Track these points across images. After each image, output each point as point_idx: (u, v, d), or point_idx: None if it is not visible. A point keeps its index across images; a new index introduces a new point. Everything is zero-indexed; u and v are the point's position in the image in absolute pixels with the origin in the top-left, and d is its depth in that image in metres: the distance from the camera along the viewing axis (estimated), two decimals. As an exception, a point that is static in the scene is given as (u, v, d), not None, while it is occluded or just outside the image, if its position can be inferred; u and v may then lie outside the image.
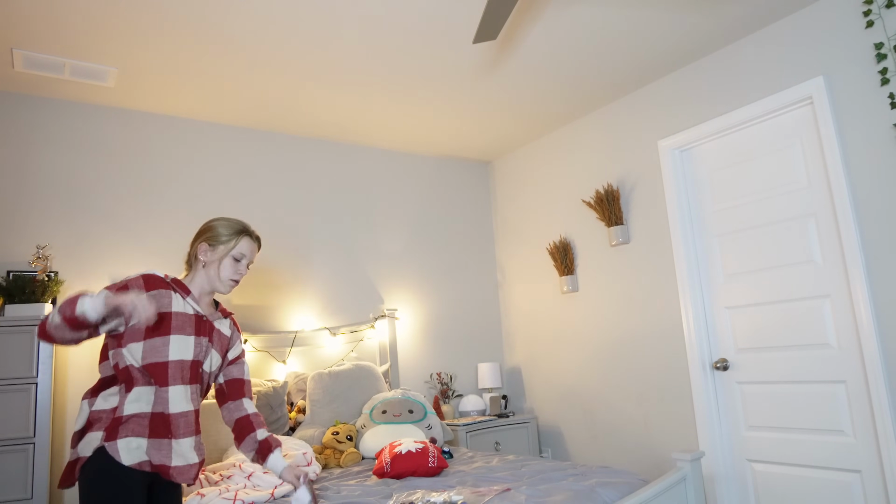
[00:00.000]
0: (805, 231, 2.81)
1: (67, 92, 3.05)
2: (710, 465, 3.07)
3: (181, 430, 1.76)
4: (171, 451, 1.73)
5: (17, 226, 2.91)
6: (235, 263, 1.94)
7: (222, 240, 1.93)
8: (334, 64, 2.98)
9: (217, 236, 1.93)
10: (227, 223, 1.96)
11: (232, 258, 1.92)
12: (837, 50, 2.67)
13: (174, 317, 1.79)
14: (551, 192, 4.13)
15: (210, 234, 1.95)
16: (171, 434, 1.73)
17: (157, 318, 1.73)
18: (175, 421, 1.75)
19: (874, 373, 2.50)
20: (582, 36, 2.90)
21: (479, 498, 1.95)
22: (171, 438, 1.73)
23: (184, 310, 1.82)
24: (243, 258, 1.96)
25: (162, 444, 1.72)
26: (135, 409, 1.71)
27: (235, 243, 1.93)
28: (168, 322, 1.77)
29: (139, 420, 1.70)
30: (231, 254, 1.92)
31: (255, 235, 2.01)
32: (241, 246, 1.94)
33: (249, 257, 1.98)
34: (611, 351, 3.66)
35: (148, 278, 1.79)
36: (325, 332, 3.65)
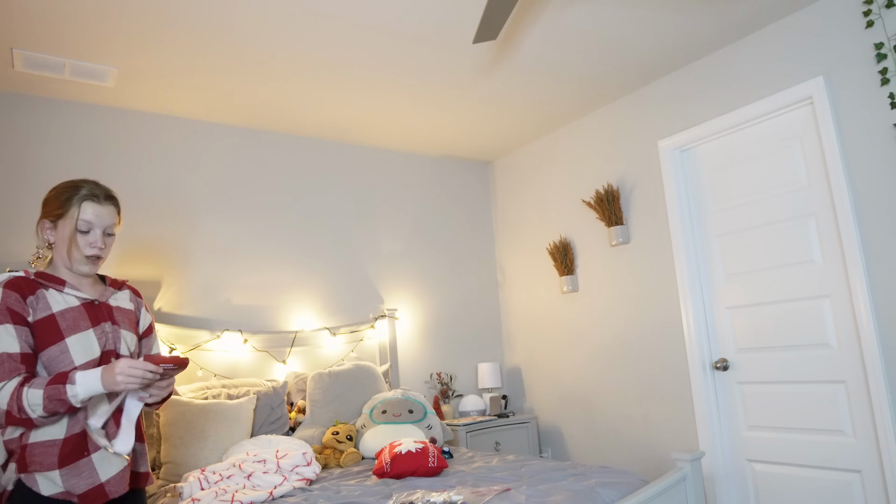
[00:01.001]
0: (805, 231, 2.81)
1: (67, 92, 3.05)
2: (710, 465, 3.07)
3: (107, 435, 1.58)
4: (95, 467, 1.53)
5: (17, 226, 2.91)
6: (84, 236, 1.61)
7: (60, 211, 1.60)
8: (334, 64, 2.98)
9: (55, 209, 1.61)
10: (58, 193, 1.61)
11: (78, 231, 1.60)
12: (837, 50, 2.67)
13: (60, 317, 1.55)
14: (551, 192, 4.13)
15: (46, 209, 1.63)
16: (87, 450, 1.53)
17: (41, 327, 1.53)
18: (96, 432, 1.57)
19: (874, 373, 2.50)
20: (582, 36, 2.90)
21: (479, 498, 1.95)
22: (90, 454, 1.53)
23: (66, 304, 1.58)
24: (91, 227, 1.61)
25: (80, 468, 1.52)
26: (42, 436, 1.50)
27: (76, 211, 1.59)
28: (55, 326, 1.54)
29: (47, 449, 1.49)
30: (75, 226, 1.59)
31: (104, 194, 1.64)
32: (84, 213, 1.60)
33: (102, 223, 1.63)
34: (611, 351, 3.66)
35: (12, 285, 1.53)
36: (325, 332, 3.65)
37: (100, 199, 1.63)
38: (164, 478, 2.59)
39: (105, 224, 1.64)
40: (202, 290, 3.34)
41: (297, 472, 2.46)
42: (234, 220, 3.52)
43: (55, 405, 1.44)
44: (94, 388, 1.46)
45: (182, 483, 2.34)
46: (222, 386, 3.02)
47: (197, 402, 2.78)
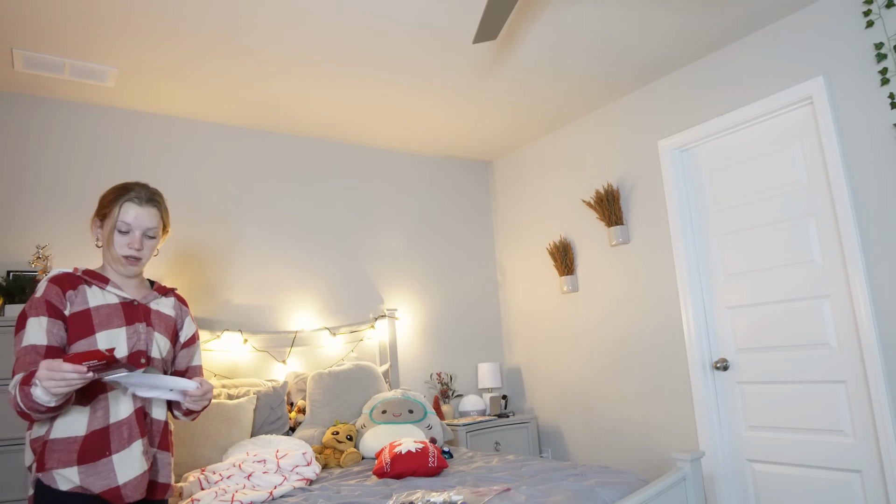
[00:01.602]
0: (805, 231, 2.81)
1: (67, 92, 3.05)
2: (710, 465, 3.07)
3: (125, 438, 1.55)
4: (114, 469, 1.51)
5: (17, 226, 2.91)
6: (122, 236, 1.63)
7: (105, 211, 1.65)
8: (334, 64, 2.98)
9: (102, 208, 1.66)
10: (110, 190, 1.67)
11: (117, 231, 1.63)
12: (837, 50, 2.67)
13: (94, 312, 1.58)
14: (551, 192, 4.13)
15: (98, 207, 1.69)
16: (109, 449, 1.52)
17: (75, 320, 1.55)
18: (116, 431, 1.54)
19: (874, 373, 2.50)
20: (582, 36, 2.90)
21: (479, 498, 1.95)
22: (111, 454, 1.52)
23: (105, 301, 1.61)
24: (130, 229, 1.63)
25: (99, 467, 1.50)
26: (62, 433, 1.50)
27: (117, 212, 1.62)
28: (88, 320, 1.56)
29: (67, 446, 1.49)
30: (114, 225, 1.63)
31: (146, 196, 1.67)
32: (125, 214, 1.62)
33: (141, 225, 1.64)
34: (611, 351, 3.66)
35: (56, 279, 1.58)
36: (325, 332, 3.65)
37: (141, 202, 1.65)
38: (164, 478, 2.59)
39: (145, 226, 1.65)
40: (202, 290, 3.34)
41: (297, 472, 2.46)
42: (233, 220, 3.52)
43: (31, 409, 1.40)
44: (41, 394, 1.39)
45: (182, 483, 2.34)
46: (222, 386, 3.02)
47: (197, 402, 2.78)
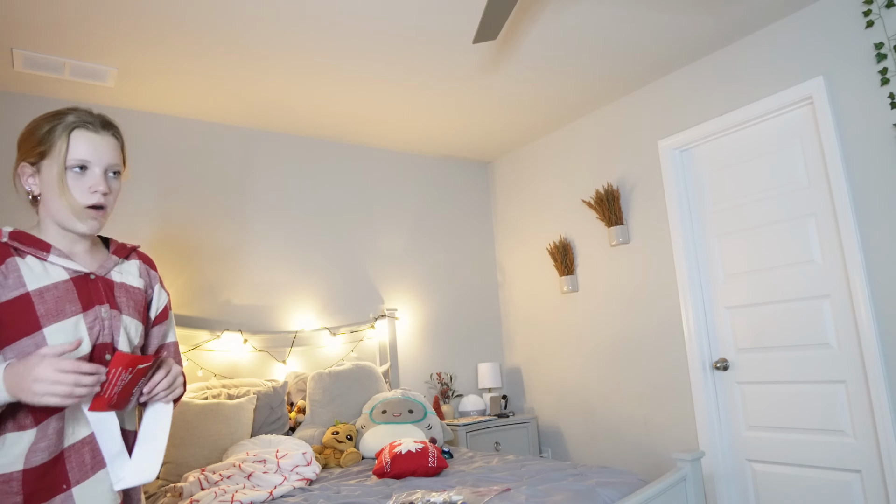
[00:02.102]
0: (805, 231, 2.81)
1: (67, 92, 3.05)
2: (710, 465, 3.07)
3: (87, 464, 1.15)
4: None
5: (17, 226, 2.90)
6: (79, 177, 1.19)
7: (43, 148, 1.18)
8: (334, 64, 2.98)
9: (36, 146, 1.19)
10: (37, 125, 1.20)
11: (69, 171, 1.18)
12: (837, 50, 2.67)
13: (36, 297, 1.13)
14: (551, 192, 4.13)
15: (23, 149, 1.21)
16: (66, 481, 1.12)
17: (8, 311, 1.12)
18: (74, 455, 1.14)
19: (874, 373, 2.50)
20: (582, 36, 2.90)
21: (479, 498, 1.95)
22: (70, 487, 1.12)
23: (49, 278, 1.16)
24: (89, 165, 1.20)
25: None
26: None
27: (64, 145, 1.18)
28: (29, 309, 1.12)
29: (2, 487, 1.08)
30: (65, 164, 1.18)
31: (100, 120, 1.23)
32: (77, 146, 1.18)
33: (100, 158, 1.21)
34: (611, 351, 3.66)
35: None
36: (325, 332, 3.65)
37: (96, 128, 1.22)
38: (164, 478, 2.59)
39: (106, 161, 1.22)
40: (202, 290, 3.34)
41: (297, 471, 2.46)
42: (233, 220, 3.52)
43: None
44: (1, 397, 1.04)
45: (182, 483, 2.34)
46: (222, 386, 3.02)
47: (197, 402, 2.78)
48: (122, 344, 1.24)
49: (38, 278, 1.16)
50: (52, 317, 1.14)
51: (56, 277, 1.18)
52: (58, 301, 1.16)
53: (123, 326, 1.25)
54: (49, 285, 1.16)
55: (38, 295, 1.14)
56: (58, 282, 1.17)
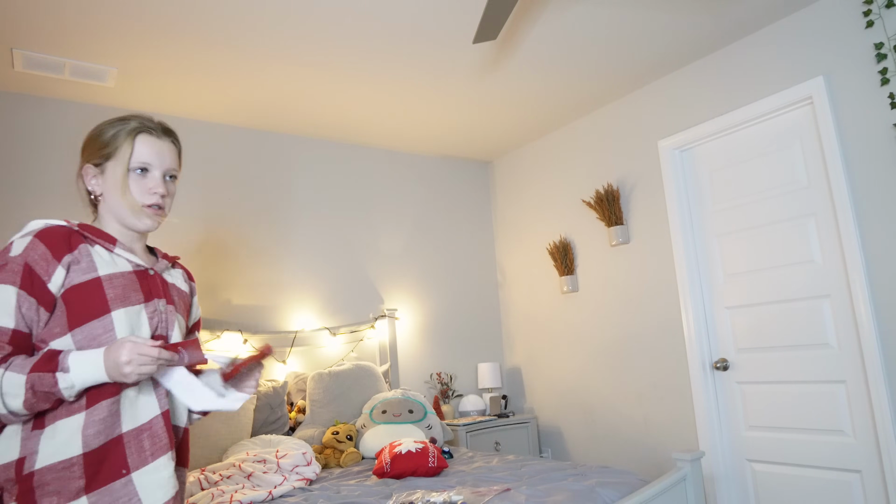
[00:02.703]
0: (805, 231, 2.81)
1: (67, 92, 3.05)
2: (710, 465, 3.07)
3: (148, 451, 1.18)
4: (137, 493, 1.15)
5: (17, 226, 2.91)
6: (141, 179, 1.27)
7: (108, 151, 1.27)
8: (334, 64, 2.98)
9: (101, 148, 1.27)
10: (104, 129, 1.29)
11: (132, 173, 1.27)
12: (837, 50, 2.67)
13: (106, 282, 1.20)
14: (551, 192, 4.13)
15: (89, 151, 1.29)
16: (126, 466, 1.15)
17: (80, 294, 1.18)
18: (133, 441, 1.17)
19: (874, 373, 2.50)
20: (582, 36, 2.90)
21: (479, 498, 1.95)
22: (130, 472, 1.15)
23: (116, 268, 1.23)
24: (150, 168, 1.28)
25: (116, 492, 1.13)
26: (52, 456, 1.10)
27: (129, 148, 1.26)
28: (99, 293, 1.18)
29: (65, 472, 1.10)
30: (128, 166, 1.26)
31: (161, 126, 1.33)
32: (141, 150, 1.27)
33: (161, 162, 1.30)
34: (611, 351, 3.66)
35: (46, 235, 1.18)
36: (325, 332, 3.65)
37: (157, 133, 1.31)
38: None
39: (166, 165, 1.30)
40: (202, 290, 3.34)
41: (297, 471, 2.46)
42: (233, 220, 3.52)
43: (40, 399, 1.08)
44: (94, 376, 1.10)
45: (182, 483, 2.34)
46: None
47: (197, 402, 2.78)
48: (175, 338, 1.31)
49: (106, 265, 1.22)
50: (120, 302, 1.20)
51: (122, 267, 1.25)
52: (125, 288, 1.22)
53: (177, 321, 1.32)
54: (116, 273, 1.23)
55: (108, 280, 1.20)
56: (123, 271, 1.24)
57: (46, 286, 1.15)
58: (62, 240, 1.19)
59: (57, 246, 1.17)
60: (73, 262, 1.18)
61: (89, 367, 1.09)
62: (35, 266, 1.14)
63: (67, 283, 1.17)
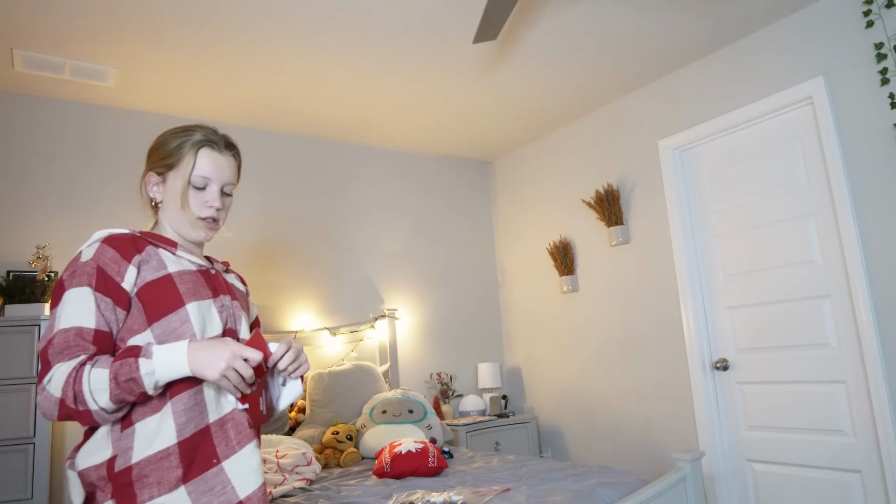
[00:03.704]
0: (805, 231, 2.81)
1: (67, 92, 3.05)
2: (710, 465, 3.07)
3: (232, 440, 1.20)
4: (230, 480, 1.16)
5: (17, 226, 2.91)
6: (198, 193, 1.30)
7: (171, 161, 1.30)
8: (334, 64, 2.98)
9: (164, 158, 1.30)
10: (169, 139, 1.32)
11: (192, 187, 1.29)
12: (837, 50, 2.67)
13: (177, 278, 1.23)
14: (551, 192, 4.13)
15: (153, 159, 1.33)
16: (216, 455, 1.17)
17: (154, 290, 1.21)
18: (218, 431, 1.19)
19: (874, 373, 2.50)
20: (582, 36, 2.90)
21: (479, 498, 1.95)
22: (220, 461, 1.17)
23: (182, 266, 1.27)
24: (208, 183, 1.30)
25: (210, 481, 1.15)
26: (148, 447, 1.12)
27: (191, 161, 1.29)
28: (172, 288, 1.21)
29: (162, 462, 1.12)
30: (189, 180, 1.28)
31: (224, 141, 1.35)
32: (202, 164, 1.29)
33: (220, 177, 1.32)
34: (611, 351, 3.66)
35: (113, 240, 1.21)
36: (325, 332, 3.65)
37: (220, 148, 1.32)
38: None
39: (224, 179, 1.32)
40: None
41: (297, 471, 2.46)
42: (233, 220, 3.52)
43: (124, 390, 1.07)
44: (178, 369, 1.10)
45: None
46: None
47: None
48: (244, 331, 1.34)
49: (174, 264, 1.26)
50: (192, 295, 1.23)
51: (187, 267, 1.28)
52: (194, 283, 1.25)
53: (243, 316, 1.35)
54: (184, 270, 1.26)
55: (178, 276, 1.24)
56: (190, 269, 1.28)
57: (120, 285, 1.17)
58: (129, 243, 1.22)
59: (125, 248, 1.21)
60: (142, 262, 1.21)
61: (172, 356, 1.10)
62: (106, 268, 1.17)
63: (140, 282, 1.19)
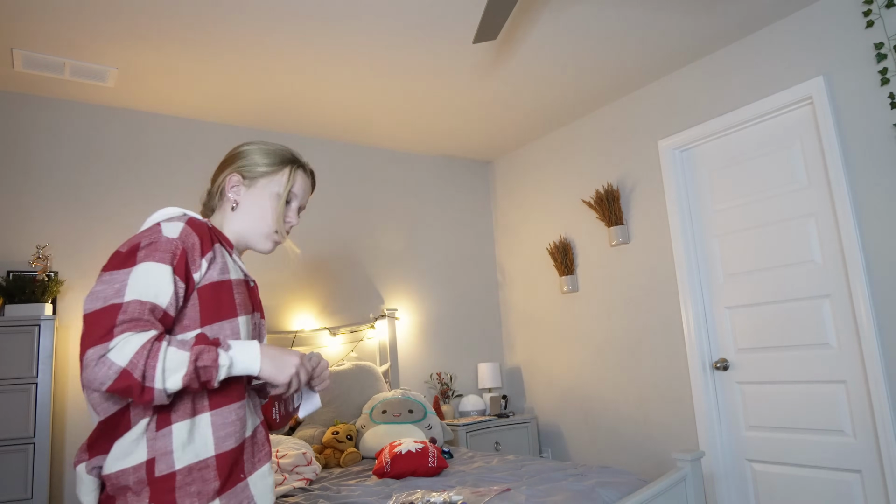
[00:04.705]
0: (805, 231, 2.81)
1: (67, 92, 3.05)
2: (710, 465, 3.07)
3: (257, 457, 1.21)
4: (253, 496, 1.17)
5: (17, 226, 2.91)
6: (286, 207, 1.34)
7: (261, 170, 1.32)
8: (334, 63, 2.98)
9: (253, 165, 1.33)
10: (268, 148, 1.36)
11: (281, 199, 1.32)
12: (837, 50, 2.67)
13: (235, 287, 1.22)
14: (551, 192, 4.13)
15: (243, 161, 1.34)
16: (243, 471, 1.16)
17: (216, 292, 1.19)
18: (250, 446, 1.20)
19: (874, 373, 2.50)
20: (582, 36, 2.90)
21: (479, 498, 1.95)
22: (246, 476, 1.17)
23: (236, 275, 1.25)
24: (295, 199, 1.36)
25: (238, 494, 1.14)
26: (191, 455, 1.09)
27: (288, 178, 1.33)
28: (230, 295, 1.20)
29: (203, 472, 1.10)
30: (280, 192, 1.32)
31: (310, 169, 1.41)
32: (298, 183, 1.35)
33: (303, 199, 1.38)
34: (611, 351, 3.66)
35: (197, 227, 1.19)
36: (325, 332, 3.65)
37: (306, 171, 1.39)
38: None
39: (304, 201, 1.39)
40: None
41: (297, 471, 2.46)
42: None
43: (198, 375, 1.04)
44: (250, 367, 1.10)
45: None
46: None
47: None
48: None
49: (234, 270, 1.24)
50: (243, 308, 1.22)
51: (238, 275, 1.26)
52: (244, 296, 1.24)
53: (264, 336, 1.35)
54: (239, 279, 1.24)
55: (236, 285, 1.22)
56: (240, 279, 1.25)
57: (192, 276, 1.14)
58: (207, 234, 1.20)
59: (205, 239, 1.18)
60: (212, 259, 1.19)
61: (248, 353, 1.10)
62: (189, 254, 1.13)
63: (206, 279, 1.17)
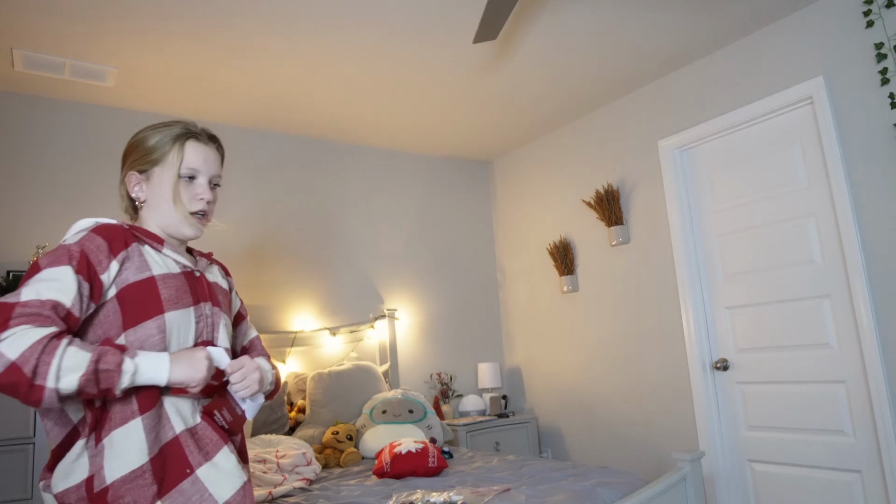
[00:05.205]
0: (805, 231, 2.81)
1: (67, 92, 3.05)
2: (710, 465, 3.07)
3: (205, 448, 1.18)
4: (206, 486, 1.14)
5: (17, 226, 2.91)
6: (188, 186, 1.27)
7: (152, 158, 1.25)
8: (334, 64, 2.98)
9: (146, 154, 1.25)
10: (151, 133, 1.27)
11: (182, 180, 1.26)
12: (837, 50, 2.67)
13: (160, 283, 1.18)
14: (551, 192, 4.13)
15: (133, 157, 1.27)
16: (188, 465, 1.14)
17: (134, 293, 1.15)
18: (190, 440, 1.17)
19: (874, 373, 2.50)
20: (582, 36, 2.90)
21: (479, 498, 1.95)
22: (194, 470, 1.15)
23: (167, 269, 1.22)
24: (197, 175, 1.27)
25: (185, 491, 1.13)
26: (121, 467, 1.08)
27: (178, 154, 1.25)
28: (154, 293, 1.16)
29: (138, 481, 1.09)
30: (178, 172, 1.25)
31: (207, 134, 1.32)
32: (189, 156, 1.26)
33: (208, 169, 1.29)
34: (611, 351, 3.66)
35: (102, 230, 1.16)
36: (325, 332, 3.65)
37: (203, 139, 1.30)
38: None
39: (212, 171, 1.30)
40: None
41: (297, 471, 2.46)
42: (233, 220, 3.52)
43: (98, 378, 1.02)
44: (155, 374, 1.08)
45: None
46: (222, 386, 3.02)
47: (197, 402, 2.78)
48: (222, 340, 1.29)
49: (158, 266, 1.20)
50: (173, 303, 1.18)
51: (172, 269, 1.23)
52: (177, 290, 1.20)
53: (223, 323, 1.30)
54: (168, 274, 1.21)
55: (162, 280, 1.18)
56: (174, 272, 1.22)
57: (99, 277, 1.11)
58: (119, 235, 1.17)
59: (114, 241, 1.15)
60: (126, 259, 1.16)
61: (154, 361, 1.09)
62: (90, 255, 1.11)
63: (121, 282, 1.14)
